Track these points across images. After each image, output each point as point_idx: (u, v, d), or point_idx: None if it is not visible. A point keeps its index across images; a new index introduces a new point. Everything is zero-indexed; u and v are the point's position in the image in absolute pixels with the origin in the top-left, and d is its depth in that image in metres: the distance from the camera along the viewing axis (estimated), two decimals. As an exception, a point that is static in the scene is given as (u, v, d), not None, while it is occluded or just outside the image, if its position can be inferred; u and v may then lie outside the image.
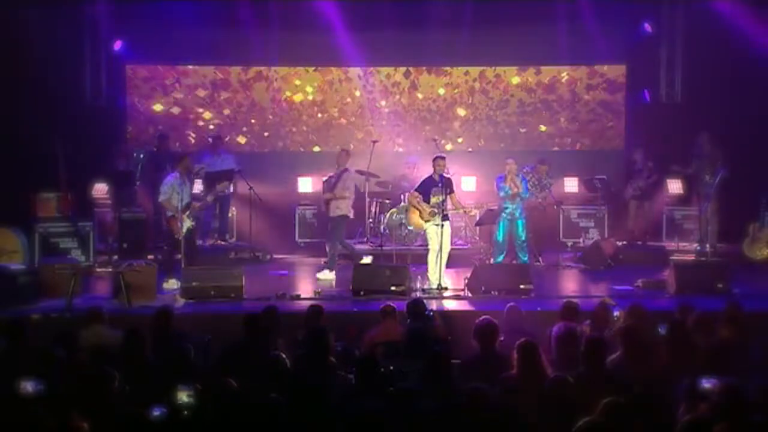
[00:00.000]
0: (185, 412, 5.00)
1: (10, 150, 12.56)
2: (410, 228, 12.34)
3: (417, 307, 8.07)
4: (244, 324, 7.21)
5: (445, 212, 10.90)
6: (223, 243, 13.64)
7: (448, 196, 10.98)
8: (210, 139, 14.47)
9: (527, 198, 12.06)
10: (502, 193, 11.92)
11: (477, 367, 6.39)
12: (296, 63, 15.36)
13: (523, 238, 11.97)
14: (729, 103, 13.62)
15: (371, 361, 6.12)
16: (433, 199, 10.90)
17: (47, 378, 5.57)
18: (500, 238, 12.01)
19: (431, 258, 10.99)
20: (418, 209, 11.01)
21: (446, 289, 10.70)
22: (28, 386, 5.25)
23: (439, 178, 10.93)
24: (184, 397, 5.06)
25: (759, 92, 13.58)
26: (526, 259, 11.93)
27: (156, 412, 4.96)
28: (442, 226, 10.87)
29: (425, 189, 10.99)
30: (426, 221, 10.95)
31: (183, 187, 10.90)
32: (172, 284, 10.79)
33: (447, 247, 11.00)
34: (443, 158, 11.11)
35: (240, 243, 13.75)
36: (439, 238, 10.85)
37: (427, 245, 11.21)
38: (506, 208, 11.94)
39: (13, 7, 12.52)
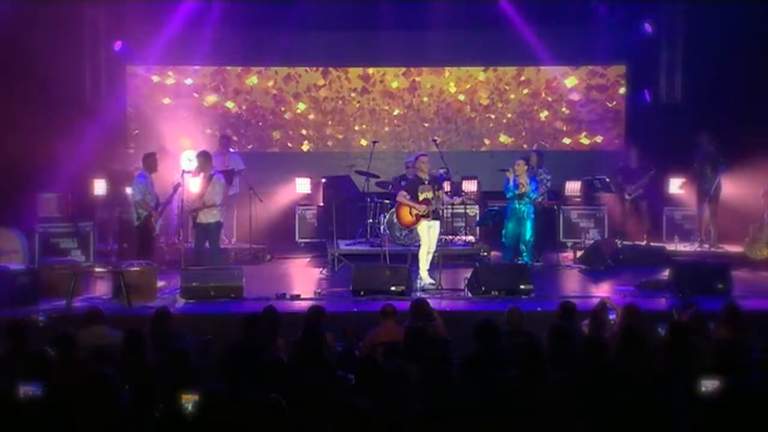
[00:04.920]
0: (188, 418, 4.99)
1: (11, 150, 12.55)
2: (397, 224, 12.15)
3: (421, 307, 8.06)
4: (244, 325, 7.21)
5: (436, 208, 11.01)
6: (227, 244, 13.62)
7: (436, 193, 11.06)
8: (219, 139, 14.36)
9: (535, 198, 12.04)
10: (509, 194, 11.92)
11: (477, 368, 6.38)
12: (296, 63, 15.36)
13: (528, 238, 11.94)
14: (729, 103, 13.62)
15: (371, 362, 6.11)
16: (421, 196, 10.99)
17: (47, 379, 5.57)
18: (507, 238, 12.01)
19: (422, 254, 11.09)
20: (407, 206, 11.06)
21: (442, 288, 10.76)
22: (27, 388, 5.24)
23: (429, 177, 11.06)
24: (187, 402, 5.04)
25: (759, 91, 13.59)
26: (529, 260, 11.91)
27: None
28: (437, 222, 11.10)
29: (412, 188, 11.08)
30: (415, 216, 11.01)
31: (152, 186, 11.02)
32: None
33: (433, 246, 11.10)
34: (425, 155, 11.32)
35: (240, 243, 13.75)
36: (429, 235, 10.96)
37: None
38: (514, 207, 11.93)
39: (13, 8, 12.51)
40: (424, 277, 11.02)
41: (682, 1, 14.61)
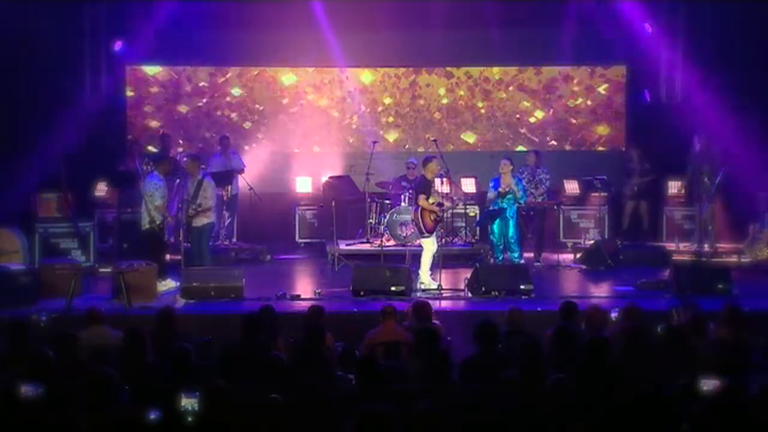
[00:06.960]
0: (189, 419, 4.99)
1: (11, 150, 12.56)
2: (397, 223, 12.31)
3: (423, 308, 8.05)
4: (243, 325, 7.21)
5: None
6: (227, 244, 13.60)
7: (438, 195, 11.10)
8: (219, 139, 14.30)
9: (523, 198, 12.03)
10: (490, 194, 11.98)
11: (477, 368, 6.39)
12: (296, 63, 15.36)
13: (512, 234, 11.93)
14: (729, 104, 13.61)
15: (371, 362, 6.11)
16: (432, 200, 10.95)
17: (47, 379, 5.57)
18: (495, 238, 12.04)
19: (426, 258, 11.02)
20: (429, 211, 10.97)
21: (442, 288, 10.76)
22: (28, 388, 5.24)
23: (434, 178, 11.04)
24: (187, 404, 5.03)
25: (759, 92, 13.59)
26: (516, 255, 11.91)
27: (152, 416, 4.95)
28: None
29: (428, 191, 11.01)
30: (434, 221, 10.98)
31: (166, 190, 10.99)
32: (167, 285, 10.79)
33: (436, 246, 11.10)
34: (437, 159, 11.18)
35: (240, 243, 13.74)
36: (434, 238, 10.96)
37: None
38: (501, 207, 11.95)
39: (13, 7, 12.51)
40: (426, 282, 10.89)
41: (682, 1, 14.60)
